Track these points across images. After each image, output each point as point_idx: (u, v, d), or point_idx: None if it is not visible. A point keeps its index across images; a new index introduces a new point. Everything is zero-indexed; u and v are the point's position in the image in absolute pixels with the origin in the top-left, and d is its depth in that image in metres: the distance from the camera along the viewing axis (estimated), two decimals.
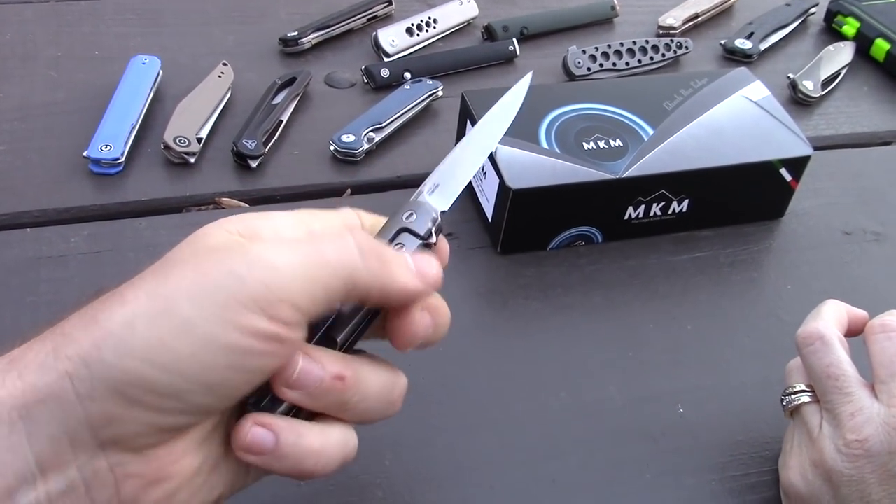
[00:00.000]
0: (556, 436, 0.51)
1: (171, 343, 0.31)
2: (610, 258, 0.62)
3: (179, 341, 0.31)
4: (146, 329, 0.31)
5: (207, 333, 0.31)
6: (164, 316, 0.31)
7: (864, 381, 0.45)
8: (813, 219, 0.68)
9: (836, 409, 0.44)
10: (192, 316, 0.31)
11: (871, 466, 0.42)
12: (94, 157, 0.63)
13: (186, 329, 0.31)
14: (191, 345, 0.31)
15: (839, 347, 0.46)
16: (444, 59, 0.79)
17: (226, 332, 0.31)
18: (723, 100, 0.66)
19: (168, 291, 0.32)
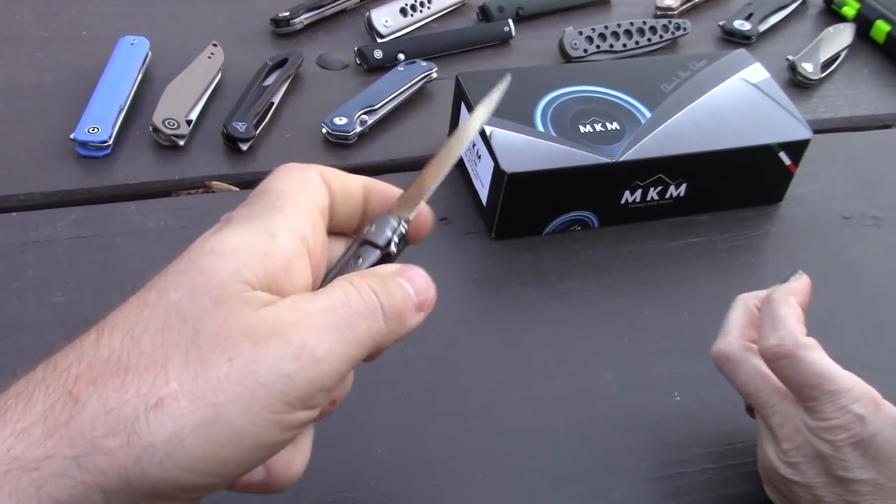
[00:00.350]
0: (550, 424, 0.50)
1: (218, 454, 0.29)
2: (606, 243, 0.61)
3: (226, 450, 0.29)
4: (195, 443, 0.28)
5: (254, 437, 0.29)
6: (214, 428, 0.29)
7: (781, 391, 0.44)
8: (811, 203, 0.67)
9: (767, 420, 0.45)
10: (243, 426, 0.29)
11: (813, 471, 0.42)
12: (81, 139, 0.62)
13: (236, 438, 0.29)
14: (236, 450, 0.29)
15: (747, 362, 0.46)
16: (439, 41, 0.77)
17: (271, 434, 0.30)
18: (721, 82, 0.65)
19: (214, 396, 0.29)
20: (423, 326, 0.51)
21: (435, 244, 0.60)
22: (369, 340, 0.32)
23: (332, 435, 0.46)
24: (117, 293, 0.53)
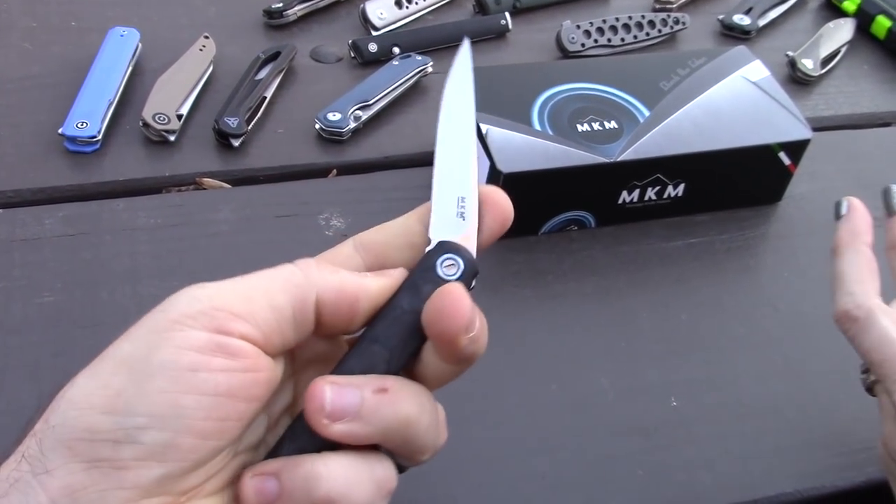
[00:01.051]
0: (546, 429, 0.50)
1: (109, 380, 0.29)
2: (603, 244, 0.60)
3: (117, 377, 0.29)
4: (85, 379, 0.29)
5: (141, 357, 0.29)
6: (100, 362, 0.29)
7: None
8: (810, 203, 0.66)
9: (893, 395, 0.40)
10: (125, 350, 0.29)
11: None
12: (69, 134, 0.61)
13: (121, 362, 0.29)
14: (129, 374, 0.29)
15: (877, 322, 0.40)
16: (434, 34, 0.76)
17: (160, 351, 0.29)
18: (721, 80, 0.64)
19: (108, 349, 0.30)
20: None
21: None
22: (278, 279, 0.32)
23: None
24: (106, 293, 0.53)
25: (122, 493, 0.29)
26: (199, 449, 0.30)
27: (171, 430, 0.29)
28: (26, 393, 0.47)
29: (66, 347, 0.50)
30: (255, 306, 0.31)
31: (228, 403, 0.30)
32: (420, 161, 0.65)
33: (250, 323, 0.30)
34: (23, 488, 0.28)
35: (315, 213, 0.60)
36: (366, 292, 0.33)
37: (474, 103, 0.37)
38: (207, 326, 0.30)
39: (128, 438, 0.28)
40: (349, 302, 0.32)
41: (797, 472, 0.49)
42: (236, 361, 0.30)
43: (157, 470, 0.29)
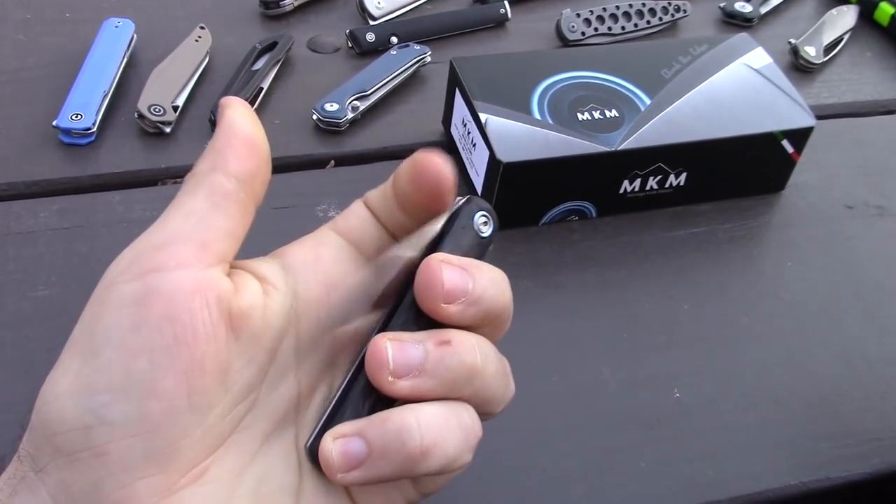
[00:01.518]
0: (546, 422, 0.49)
1: (66, 367, 0.28)
2: (604, 234, 0.60)
3: (71, 361, 0.28)
4: (52, 373, 0.29)
5: (87, 333, 0.29)
6: (64, 351, 0.29)
7: None
8: (814, 192, 0.65)
9: None
10: (77, 330, 0.29)
11: None
12: (64, 126, 0.60)
13: (72, 345, 0.29)
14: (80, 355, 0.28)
15: None
16: (433, 23, 0.75)
17: (100, 320, 0.28)
18: (723, 68, 0.63)
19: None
20: None
21: None
22: (201, 190, 0.31)
23: None
24: None
25: (113, 479, 0.27)
26: (173, 411, 0.28)
27: (134, 398, 0.27)
28: (21, 387, 0.46)
29: (61, 342, 0.48)
30: (171, 225, 0.29)
31: (183, 351, 0.28)
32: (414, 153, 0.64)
33: (177, 244, 0.29)
34: (29, 485, 0.28)
35: (312, 204, 0.59)
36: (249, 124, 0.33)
37: None
38: (138, 273, 0.28)
39: (97, 420, 0.27)
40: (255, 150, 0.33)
41: (802, 464, 0.49)
42: (175, 301, 0.28)
43: (138, 446, 0.27)
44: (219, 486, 0.29)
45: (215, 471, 0.30)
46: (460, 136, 0.61)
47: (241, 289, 0.30)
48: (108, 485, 0.27)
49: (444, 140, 0.65)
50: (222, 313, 0.29)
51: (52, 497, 0.28)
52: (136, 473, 0.27)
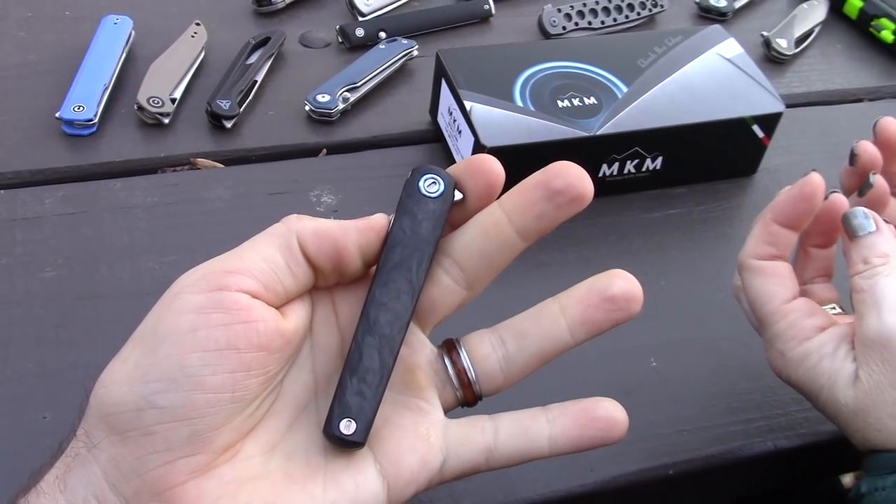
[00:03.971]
0: (529, 391, 0.51)
1: (129, 358, 0.32)
2: (584, 215, 0.61)
3: (134, 354, 0.32)
4: (114, 361, 0.33)
5: (150, 331, 0.33)
6: (126, 345, 0.33)
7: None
8: (785, 175, 0.68)
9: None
10: (140, 329, 0.33)
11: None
12: (66, 118, 0.62)
13: (135, 340, 0.33)
14: (141, 348, 0.32)
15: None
16: (420, 19, 0.78)
17: (164, 321, 0.32)
18: (696, 57, 0.66)
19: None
20: None
21: None
22: (263, 235, 0.35)
23: None
24: (105, 268, 0.55)
25: (157, 456, 0.31)
26: (217, 403, 0.32)
27: (184, 389, 0.31)
28: (31, 363, 0.49)
29: (67, 319, 0.52)
30: (246, 261, 0.34)
31: (233, 355, 0.32)
32: (406, 140, 0.67)
33: (245, 275, 0.33)
34: (82, 462, 0.32)
35: (306, 190, 0.62)
36: (345, 231, 0.35)
37: None
38: (204, 288, 0.33)
39: (148, 405, 0.31)
40: (330, 242, 0.35)
41: (772, 426, 0.51)
42: (232, 314, 0.32)
43: (183, 430, 0.31)
44: (251, 462, 0.34)
45: (248, 450, 0.34)
46: (447, 124, 0.64)
47: (288, 313, 0.35)
48: (152, 461, 0.31)
49: (430, 129, 0.68)
50: (274, 331, 0.33)
51: (103, 471, 0.31)
52: (178, 453, 0.31)
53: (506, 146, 0.58)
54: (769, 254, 0.46)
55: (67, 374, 0.49)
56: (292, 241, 0.35)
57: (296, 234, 0.35)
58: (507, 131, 0.58)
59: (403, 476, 0.35)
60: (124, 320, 0.51)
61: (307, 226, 0.35)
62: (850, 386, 0.42)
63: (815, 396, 0.44)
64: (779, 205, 0.47)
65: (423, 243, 0.36)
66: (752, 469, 0.52)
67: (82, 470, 0.32)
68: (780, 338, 0.45)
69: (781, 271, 0.46)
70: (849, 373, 0.42)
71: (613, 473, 0.48)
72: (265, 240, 0.35)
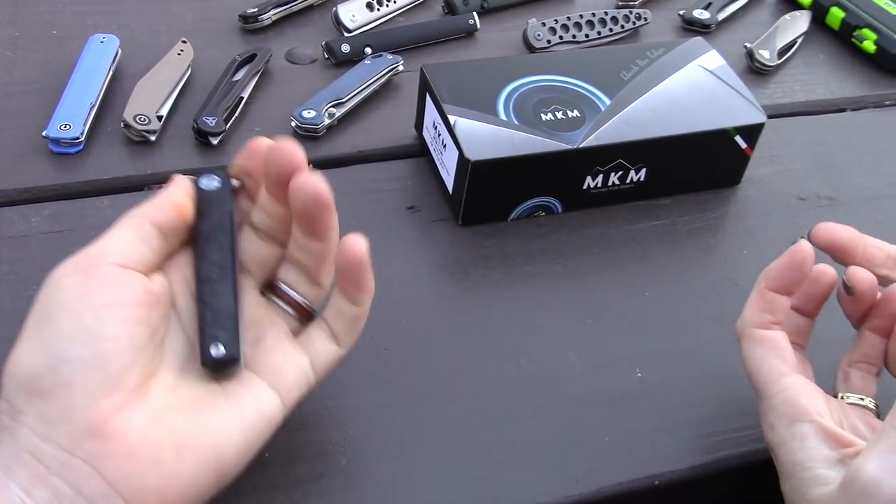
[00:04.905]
0: (516, 402, 0.52)
1: (31, 336, 0.39)
2: (569, 227, 0.63)
3: (35, 330, 0.39)
4: (20, 343, 0.39)
5: (44, 309, 0.39)
6: (25, 330, 0.39)
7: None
8: (768, 185, 0.69)
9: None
10: (34, 314, 0.39)
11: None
12: (53, 136, 0.63)
13: (34, 321, 0.39)
14: (40, 324, 0.39)
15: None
16: (405, 34, 0.79)
17: (54, 298, 0.39)
18: (678, 69, 0.67)
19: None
20: (393, 311, 0.54)
21: (403, 232, 0.61)
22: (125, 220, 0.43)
23: (305, 418, 0.48)
24: None
25: (80, 400, 0.36)
26: (118, 349, 0.38)
27: (87, 342, 0.37)
28: None
29: None
30: (105, 244, 0.41)
31: (119, 309, 0.38)
32: (392, 154, 0.68)
33: (109, 254, 0.40)
34: (8, 430, 0.36)
35: None
36: (170, 194, 0.44)
37: None
38: (80, 269, 0.39)
39: (61, 361, 0.36)
40: (170, 206, 0.43)
41: (759, 435, 0.51)
42: (108, 280, 0.39)
43: (96, 374, 0.37)
44: (162, 398, 0.39)
45: (155, 389, 0.40)
46: (432, 138, 0.64)
47: (153, 278, 0.42)
48: (77, 406, 0.36)
49: (416, 143, 0.68)
50: (144, 289, 0.40)
51: (32, 430, 0.36)
52: (98, 393, 0.37)
53: (490, 160, 0.58)
54: (767, 321, 0.48)
55: None
56: (140, 221, 0.42)
57: (142, 215, 0.42)
58: (491, 145, 0.59)
59: (288, 381, 0.43)
60: None
61: (148, 205, 0.43)
62: (817, 486, 0.41)
63: (786, 478, 0.44)
64: (772, 272, 0.48)
65: (218, 223, 0.44)
66: (738, 479, 0.52)
67: (10, 437, 0.36)
68: (773, 412, 0.45)
69: (780, 343, 0.47)
70: (819, 476, 0.42)
71: (599, 484, 0.48)
72: (118, 227, 0.42)
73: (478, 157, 0.58)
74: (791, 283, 0.48)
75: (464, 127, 0.59)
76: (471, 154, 0.58)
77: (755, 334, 0.48)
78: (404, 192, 0.64)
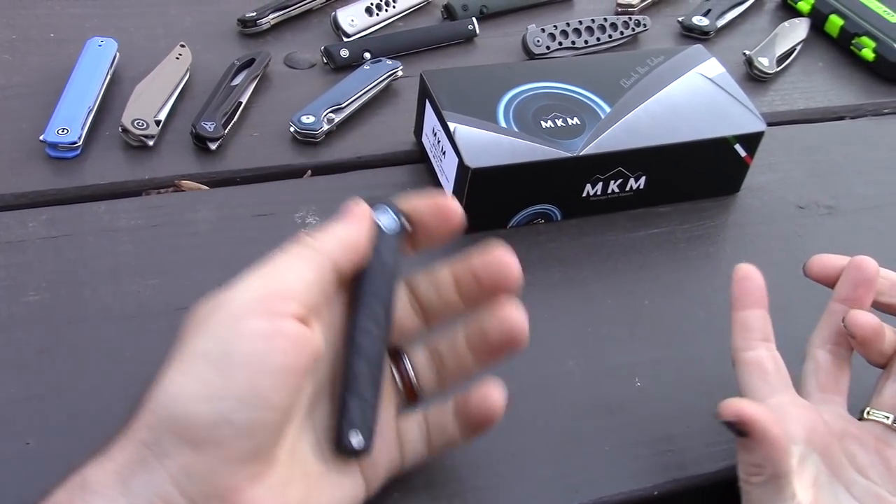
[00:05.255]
0: (516, 410, 0.51)
1: (199, 375, 0.35)
2: (569, 235, 0.63)
3: (205, 372, 0.35)
4: (179, 376, 0.36)
5: (220, 353, 0.36)
6: (186, 360, 0.36)
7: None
8: (767, 193, 0.69)
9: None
10: (204, 347, 0.36)
11: None
12: (51, 140, 0.62)
13: (205, 359, 0.36)
14: (214, 368, 0.35)
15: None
16: (404, 39, 0.79)
17: (234, 345, 0.36)
18: (678, 77, 0.66)
19: (184, 346, 0.36)
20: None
21: None
22: (295, 258, 0.39)
23: None
24: (90, 291, 0.55)
25: (226, 465, 0.35)
26: (278, 420, 0.37)
27: (256, 409, 0.35)
28: (14, 387, 0.49)
29: (51, 343, 0.52)
30: (292, 285, 0.38)
31: (291, 378, 0.36)
32: (391, 160, 0.67)
33: (294, 300, 0.37)
34: (149, 468, 0.35)
35: (291, 211, 0.62)
36: (359, 231, 0.41)
37: None
38: (265, 314, 0.36)
39: (224, 421, 0.35)
40: (356, 250, 0.41)
41: None
42: (292, 341, 0.36)
43: (249, 443, 0.36)
44: (284, 467, 0.38)
45: (279, 455, 0.38)
46: (431, 145, 0.64)
47: (315, 329, 0.39)
48: (221, 469, 0.35)
49: (415, 149, 0.68)
50: (314, 352, 0.38)
51: (171, 476, 0.35)
52: (244, 462, 0.36)
53: (490, 167, 0.58)
54: (753, 338, 0.49)
55: (51, 400, 0.49)
56: (324, 262, 0.39)
57: (327, 255, 0.39)
58: (490, 152, 0.59)
59: (379, 473, 0.43)
60: (108, 344, 0.52)
61: (333, 243, 0.40)
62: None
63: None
64: (732, 296, 0.50)
65: (389, 273, 0.42)
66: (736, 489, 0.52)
67: (148, 475, 0.35)
68: None
69: (763, 364, 0.48)
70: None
71: (598, 495, 0.48)
72: (298, 261, 0.39)
73: (477, 164, 0.58)
74: (748, 298, 0.50)
75: (463, 134, 0.59)
76: (470, 161, 0.58)
77: (738, 357, 0.49)
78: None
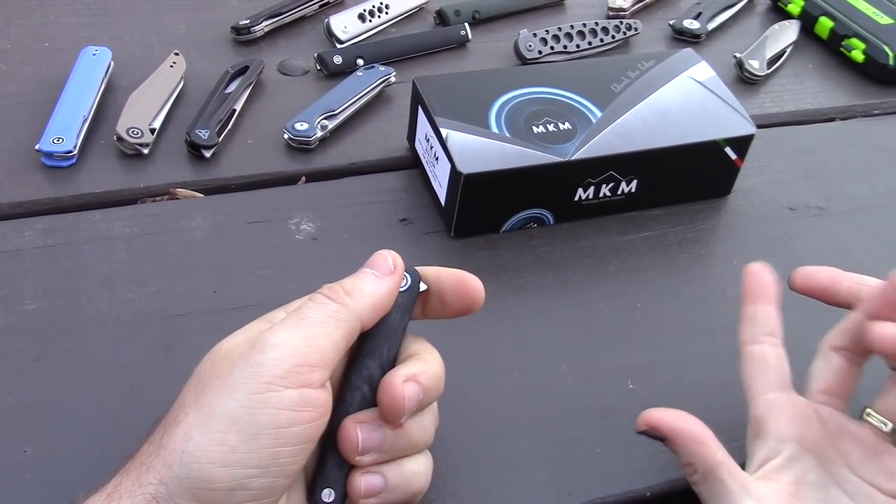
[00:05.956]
0: (509, 413, 0.52)
1: (223, 440, 0.36)
2: (561, 239, 0.63)
3: (229, 438, 0.36)
4: (200, 436, 0.36)
5: (247, 420, 0.36)
6: (209, 419, 0.36)
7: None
8: (758, 196, 0.69)
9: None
10: (231, 411, 0.36)
11: None
12: (46, 150, 0.63)
13: (231, 424, 0.36)
14: (238, 434, 0.36)
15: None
16: (397, 45, 0.79)
17: (262, 413, 0.36)
18: (669, 81, 0.67)
19: (208, 400, 0.37)
20: None
21: (396, 244, 0.61)
22: (331, 319, 0.39)
23: None
24: (86, 299, 0.55)
25: None
26: (285, 485, 0.38)
27: (272, 476, 0.37)
28: (11, 396, 0.49)
29: (48, 352, 0.52)
30: (324, 353, 0.39)
31: (309, 447, 0.38)
32: (384, 166, 0.68)
33: (323, 368, 0.38)
34: None
35: (285, 218, 0.62)
36: (389, 294, 0.42)
37: None
38: (295, 383, 0.37)
39: (241, 486, 0.36)
40: (382, 310, 0.42)
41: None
42: (316, 413, 0.38)
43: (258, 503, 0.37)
44: None
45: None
46: (424, 150, 0.65)
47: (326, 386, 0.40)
48: None
49: (408, 155, 0.69)
50: (326, 415, 0.39)
51: None
52: None
53: (482, 172, 0.58)
54: (759, 332, 0.49)
55: (48, 408, 0.49)
56: (355, 325, 0.40)
57: (358, 317, 0.40)
58: (483, 158, 0.59)
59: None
60: (104, 352, 0.52)
61: (365, 305, 0.41)
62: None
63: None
64: (743, 291, 0.51)
65: (392, 332, 0.42)
66: None
67: None
68: (749, 426, 0.48)
69: (766, 359, 0.49)
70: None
71: (591, 496, 0.49)
72: (333, 324, 0.39)
73: (470, 170, 0.58)
74: (759, 292, 0.50)
75: (456, 140, 0.60)
76: (463, 167, 0.58)
77: (744, 350, 0.50)
78: (397, 204, 0.65)
